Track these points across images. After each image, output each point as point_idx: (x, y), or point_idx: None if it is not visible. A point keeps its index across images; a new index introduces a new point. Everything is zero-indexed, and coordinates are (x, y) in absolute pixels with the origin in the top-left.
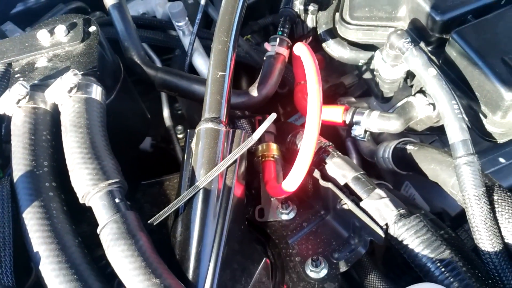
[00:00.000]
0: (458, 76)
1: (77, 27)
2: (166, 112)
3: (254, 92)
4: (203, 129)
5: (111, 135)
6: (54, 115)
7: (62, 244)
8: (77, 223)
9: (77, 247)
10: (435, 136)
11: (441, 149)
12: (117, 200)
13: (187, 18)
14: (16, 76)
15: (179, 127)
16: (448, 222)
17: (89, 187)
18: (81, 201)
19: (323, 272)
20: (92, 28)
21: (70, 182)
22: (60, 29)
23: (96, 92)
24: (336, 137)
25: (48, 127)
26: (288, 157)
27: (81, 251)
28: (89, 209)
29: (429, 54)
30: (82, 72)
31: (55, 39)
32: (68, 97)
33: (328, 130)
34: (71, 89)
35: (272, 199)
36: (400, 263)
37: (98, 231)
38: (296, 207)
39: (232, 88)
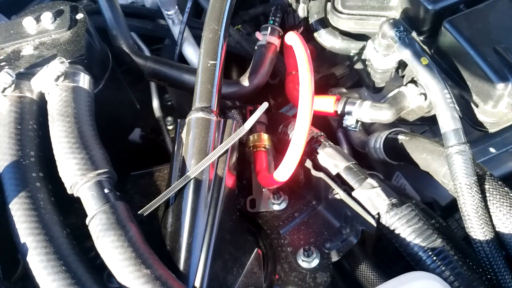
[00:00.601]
0: (450, 65)
1: (64, 14)
2: (155, 103)
3: (245, 82)
4: (193, 118)
5: (99, 125)
6: (41, 104)
7: (50, 235)
8: (66, 214)
9: (65, 238)
10: (426, 126)
11: (432, 139)
12: (106, 191)
13: (176, 7)
14: (1, 64)
15: (169, 118)
16: (439, 212)
17: (77, 177)
18: (69, 192)
19: (315, 262)
20: (80, 16)
21: (58, 173)
22: (47, 16)
23: (84, 80)
24: (327, 127)
25: (34, 116)
26: (279, 148)
27: (69, 242)
28: (78, 200)
29: (421, 44)
30: (69, 60)
31: (41, 27)
32: (55, 85)
33: (319, 121)
34: (58, 77)
35: (263, 189)
36: (390, 253)
37: (87, 222)
38: (288, 198)
39: (223, 78)
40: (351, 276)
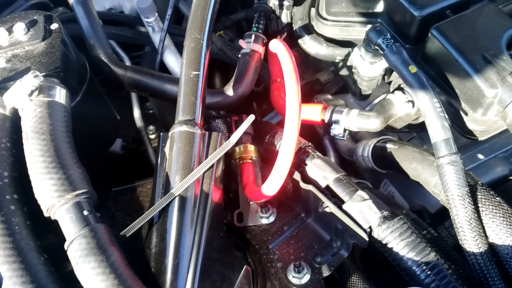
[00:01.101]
0: (438, 73)
1: (38, 25)
2: (136, 112)
3: (229, 91)
4: (177, 132)
5: (78, 140)
6: (15, 120)
7: (26, 263)
8: (44, 233)
9: (43, 265)
10: (414, 133)
11: (422, 148)
12: (85, 212)
13: (156, 14)
14: None
15: (151, 127)
16: (428, 220)
17: (54, 199)
18: (45, 214)
19: (306, 278)
20: (54, 26)
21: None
22: (19, 27)
23: (60, 94)
24: (313, 135)
25: (7, 133)
26: (266, 158)
27: (47, 269)
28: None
29: (408, 51)
30: (44, 74)
31: (13, 38)
32: (29, 100)
33: (305, 128)
34: (32, 92)
35: (251, 202)
36: (378, 260)
37: (65, 246)
38: (276, 210)
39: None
40: None
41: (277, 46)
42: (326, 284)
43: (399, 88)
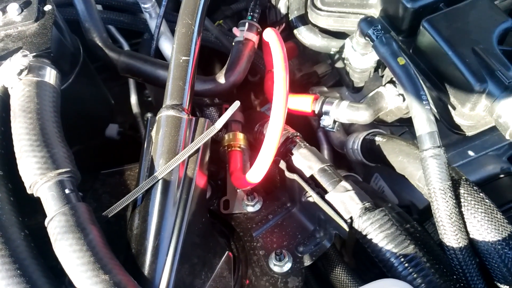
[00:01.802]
0: (428, 66)
1: (31, 6)
2: (133, 99)
3: (221, 79)
4: (163, 116)
5: (71, 121)
6: (4, 99)
7: (6, 237)
8: (32, 213)
9: (23, 240)
10: (405, 127)
11: (409, 141)
12: (67, 191)
13: (153, 0)
14: None
15: (149, 115)
16: (416, 215)
17: (37, 176)
18: (28, 192)
19: (287, 266)
20: (48, 7)
21: None
22: (13, 8)
23: (50, 75)
24: (308, 127)
25: None
26: (256, 147)
27: (27, 244)
28: None
29: (400, 43)
30: (34, 54)
31: (7, 18)
32: (18, 80)
33: (300, 120)
34: (21, 71)
35: (238, 190)
36: (370, 255)
37: (45, 223)
38: (263, 199)
39: (201, 74)
40: (326, 279)
41: (269, 34)
42: (310, 272)
43: (391, 81)
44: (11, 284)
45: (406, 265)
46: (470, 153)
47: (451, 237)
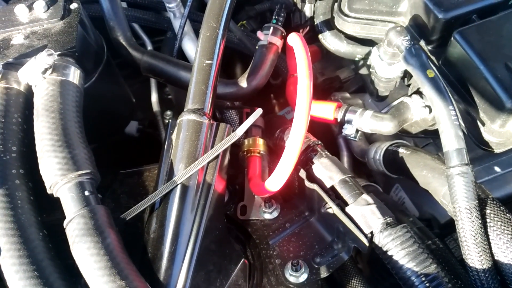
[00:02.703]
0: (457, 79)
1: (58, 3)
2: (154, 97)
3: (243, 82)
4: (185, 120)
5: (92, 119)
6: (28, 96)
7: (25, 237)
8: (51, 210)
9: (41, 241)
10: (430, 139)
11: (435, 155)
12: (86, 193)
13: (178, 0)
14: None
15: (168, 113)
16: (437, 230)
17: (58, 177)
18: (48, 192)
19: (303, 277)
20: (74, 5)
21: None
22: (40, 5)
23: (74, 74)
24: (329, 133)
25: (20, 109)
26: (275, 153)
27: (45, 245)
28: None
29: (429, 54)
30: (59, 52)
31: (33, 15)
32: (42, 78)
33: (320, 126)
34: (46, 70)
35: (255, 196)
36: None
37: (64, 225)
38: (280, 206)
39: (223, 77)
40: None
41: (294, 40)
42: (325, 284)
43: (417, 92)
44: (28, 285)
45: (428, 285)
46: (497, 169)
47: (475, 258)
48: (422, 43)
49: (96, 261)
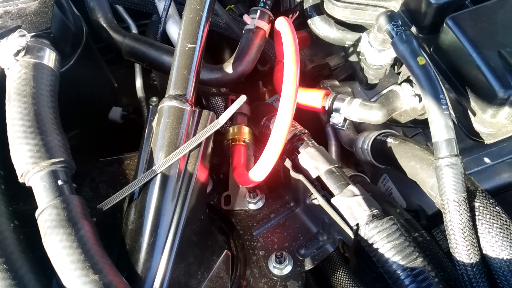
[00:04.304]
0: (448, 66)
1: None
2: (138, 82)
3: (228, 68)
4: (165, 107)
5: (72, 105)
6: (1, 80)
7: None
8: (27, 198)
9: (11, 232)
10: (419, 129)
11: (423, 145)
12: (59, 182)
13: None
14: None
15: (154, 99)
16: (424, 221)
17: (29, 165)
18: (20, 181)
19: (287, 269)
20: None
21: None
22: None
23: (49, 57)
24: (317, 122)
25: None
26: (261, 142)
27: (15, 237)
28: None
29: (420, 41)
30: (33, 34)
31: None
32: (15, 61)
33: (308, 114)
34: (18, 52)
35: (240, 186)
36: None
37: (36, 215)
38: (265, 197)
39: (210, 63)
40: (326, 281)
41: (282, 24)
42: (310, 276)
43: (407, 80)
44: None
45: (413, 279)
46: (486, 160)
47: (462, 252)
48: (413, 29)
49: (68, 254)
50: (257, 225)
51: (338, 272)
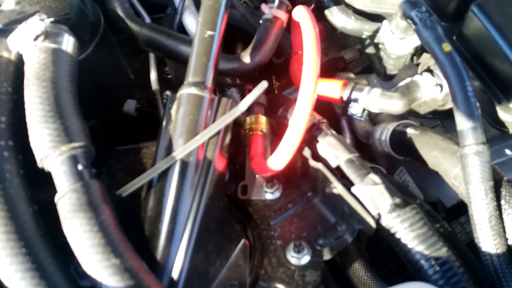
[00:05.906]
0: (473, 55)
1: None
2: (153, 75)
3: (246, 58)
4: (185, 94)
5: (89, 94)
6: (19, 65)
7: (13, 212)
8: (45, 185)
9: (31, 216)
10: (438, 120)
11: (445, 135)
12: (80, 167)
13: None
14: None
15: (167, 93)
16: (443, 214)
17: (49, 149)
18: (39, 165)
19: (305, 259)
20: None
21: None
22: None
23: (68, 43)
24: (331, 114)
25: (10, 78)
26: (278, 132)
27: (35, 221)
28: None
29: (444, 29)
30: (51, 19)
31: None
32: (34, 46)
33: (322, 107)
34: (37, 36)
35: (257, 176)
36: (385, 248)
37: (55, 200)
38: (282, 186)
39: (224, 53)
40: (343, 274)
41: (300, 13)
42: (327, 267)
43: (428, 70)
44: (15, 263)
45: (438, 269)
46: (508, 151)
47: (488, 242)
48: (436, 18)
49: (89, 238)
50: (274, 215)
51: (355, 264)
